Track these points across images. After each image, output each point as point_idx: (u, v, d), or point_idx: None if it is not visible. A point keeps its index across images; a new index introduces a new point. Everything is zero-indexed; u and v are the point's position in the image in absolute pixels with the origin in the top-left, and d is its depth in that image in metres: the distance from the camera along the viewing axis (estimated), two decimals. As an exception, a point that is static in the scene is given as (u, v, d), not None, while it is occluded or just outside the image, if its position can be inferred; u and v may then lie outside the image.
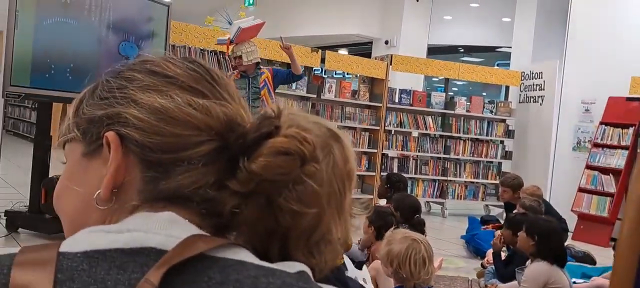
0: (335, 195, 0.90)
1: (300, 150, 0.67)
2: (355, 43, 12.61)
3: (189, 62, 0.68)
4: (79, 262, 0.55)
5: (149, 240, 0.56)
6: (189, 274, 0.55)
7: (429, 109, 7.87)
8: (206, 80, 0.67)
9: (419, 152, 7.87)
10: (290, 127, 0.69)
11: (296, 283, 0.57)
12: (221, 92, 0.67)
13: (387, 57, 7.79)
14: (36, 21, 4.09)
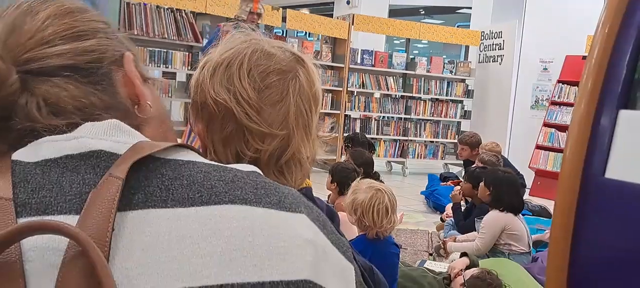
0: (303, 117, 0.90)
1: None
2: (316, 3, 12.48)
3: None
4: (32, 168, 0.55)
5: (96, 144, 0.56)
6: (142, 172, 0.54)
7: (390, 69, 7.89)
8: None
9: (381, 113, 7.91)
10: None
11: (247, 177, 0.57)
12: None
13: (348, 17, 7.74)
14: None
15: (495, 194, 3.49)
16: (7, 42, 0.59)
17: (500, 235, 3.41)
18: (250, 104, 0.87)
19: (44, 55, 0.60)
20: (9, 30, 0.61)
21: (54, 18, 0.62)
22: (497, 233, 3.39)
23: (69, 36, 0.62)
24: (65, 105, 0.59)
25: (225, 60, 0.90)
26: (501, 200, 3.45)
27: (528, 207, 5.00)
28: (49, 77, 0.59)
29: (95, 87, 0.61)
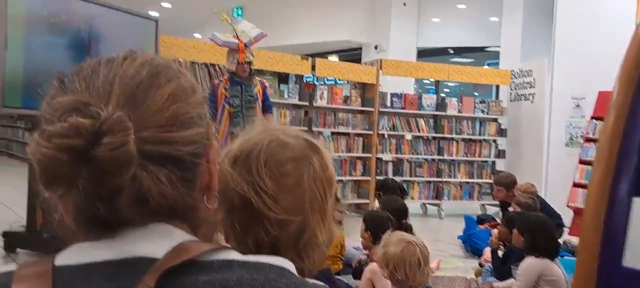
0: (318, 201, 0.95)
1: None
2: (345, 49, 12.66)
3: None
4: (73, 274, 0.57)
5: (139, 250, 0.59)
6: (179, 277, 0.57)
7: (421, 111, 7.91)
8: (51, 97, 0.65)
9: (413, 155, 7.91)
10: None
11: (278, 279, 0.60)
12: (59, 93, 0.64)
13: (377, 62, 7.83)
14: (26, 41, 4.09)
15: (530, 240, 3.44)
16: (131, 113, 0.58)
17: (537, 281, 3.35)
18: (267, 193, 0.90)
19: (160, 139, 0.59)
20: (132, 97, 0.60)
21: (175, 98, 0.62)
22: (533, 280, 3.34)
23: (182, 122, 0.62)
24: (151, 199, 0.59)
25: (244, 152, 0.95)
26: (536, 246, 3.39)
27: (567, 248, 4.90)
28: (154, 164, 0.58)
29: (185, 183, 0.61)
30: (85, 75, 0.62)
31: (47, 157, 0.55)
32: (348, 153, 7.44)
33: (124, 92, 0.59)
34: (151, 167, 0.58)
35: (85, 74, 0.62)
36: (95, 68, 0.63)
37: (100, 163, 0.55)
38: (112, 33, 4.76)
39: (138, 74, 0.62)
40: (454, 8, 11.68)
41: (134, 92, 0.60)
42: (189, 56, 6.30)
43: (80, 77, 0.62)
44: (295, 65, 6.98)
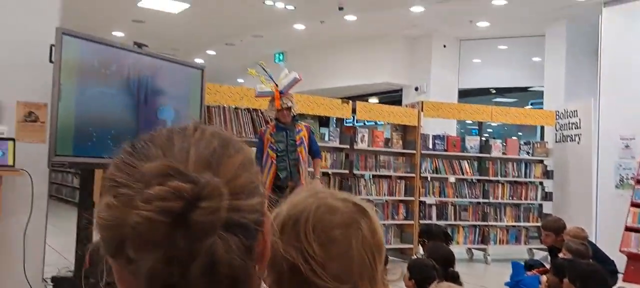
0: (367, 268, 0.93)
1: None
2: (385, 91, 12.70)
3: (123, 149, 0.66)
4: None
5: None
6: None
7: (464, 153, 7.81)
8: (125, 163, 0.64)
9: (457, 198, 7.78)
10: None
11: None
12: (134, 165, 0.63)
13: (418, 104, 7.82)
14: (78, 92, 4.24)
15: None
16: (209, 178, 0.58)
17: (593, 333, 3.21)
18: (315, 260, 0.89)
19: (233, 207, 0.59)
20: (208, 165, 0.60)
21: (243, 168, 0.63)
22: (589, 331, 3.20)
23: (249, 191, 0.62)
24: (220, 268, 0.58)
25: (292, 218, 0.94)
26: (589, 296, 3.27)
27: (622, 296, 4.69)
28: (227, 231, 0.58)
29: (246, 252, 0.61)
30: (160, 144, 0.63)
31: (146, 219, 0.55)
32: (390, 196, 7.38)
33: (199, 160, 0.60)
34: (224, 234, 0.58)
35: (159, 141, 0.63)
36: (170, 136, 0.64)
37: (194, 227, 0.56)
38: (161, 82, 4.90)
39: (210, 143, 0.63)
40: (495, 49, 11.62)
41: (210, 161, 0.61)
42: (233, 102, 6.42)
43: (156, 145, 0.63)
44: (336, 108, 7.03)
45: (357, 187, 7.11)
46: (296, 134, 5.21)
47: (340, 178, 7.01)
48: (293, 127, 5.23)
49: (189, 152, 0.61)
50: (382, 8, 9.71)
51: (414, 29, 11.07)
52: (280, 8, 9.94)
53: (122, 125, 4.58)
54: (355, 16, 10.29)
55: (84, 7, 10.08)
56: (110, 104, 4.46)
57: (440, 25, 10.85)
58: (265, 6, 9.86)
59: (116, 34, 11.97)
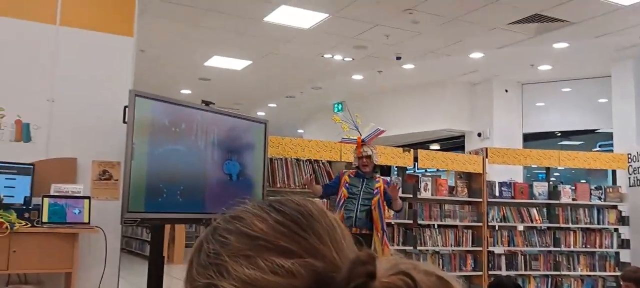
0: None
1: None
2: (446, 138, 12.55)
3: (276, 211, 0.67)
4: None
5: None
6: None
7: (532, 200, 7.57)
8: (292, 232, 0.65)
9: (527, 247, 7.50)
10: (392, 274, 0.65)
11: None
12: (309, 239, 0.65)
13: (482, 151, 7.67)
14: (149, 150, 4.41)
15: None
16: None
17: None
18: None
19: None
20: (351, 243, 0.65)
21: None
22: None
23: None
24: None
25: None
26: None
27: None
28: None
29: None
30: (326, 233, 0.66)
31: None
32: (457, 247, 7.19)
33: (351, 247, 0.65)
34: None
35: (324, 230, 0.66)
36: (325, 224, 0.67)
37: None
38: (227, 137, 5.03)
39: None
40: (559, 91, 11.34)
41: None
42: (294, 153, 6.50)
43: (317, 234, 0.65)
44: (397, 156, 6.99)
45: (422, 238, 6.98)
46: (374, 184, 5.25)
47: (405, 229, 6.90)
48: (372, 178, 5.33)
49: (345, 240, 0.66)
50: (440, 56, 9.71)
51: (474, 75, 10.98)
52: (339, 60, 10.10)
53: (191, 180, 4.70)
54: (413, 64, 10.32)
55: (155, 69, 10.58)
56: (179, 161, 4.60)
57: (500, 70, 10.72)
58: (324, 59, 10.04)
59: (184, 92, 12.44)
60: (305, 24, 8.25)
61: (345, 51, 9.61)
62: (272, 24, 8.20)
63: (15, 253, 3.82)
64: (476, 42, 8.98)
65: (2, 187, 4.08)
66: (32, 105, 4.43)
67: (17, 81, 4.42)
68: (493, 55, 9.67)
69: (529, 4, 7.30)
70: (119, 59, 4.77)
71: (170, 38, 9.01)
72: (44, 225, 3.98)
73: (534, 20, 7.88)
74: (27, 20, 4.50)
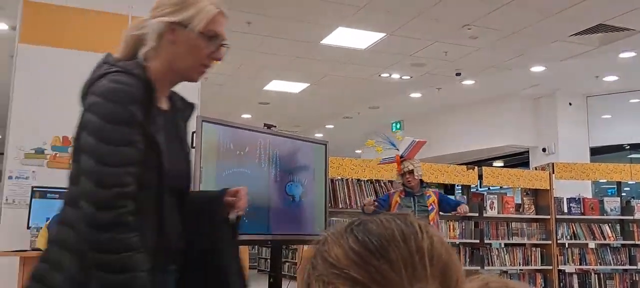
0: None
1: None
2: (509, 154, 12.25)
3: (353, 236, 0.67)
4: None
5: None
6: None
7: (603, 216, 7.26)
8: (363, 260, 0.64)
9: (600, 265, 7.19)
10: None
11: None
12: (379, 267, 0.63)
13: (548, 166, 7.45)
14: (217, 174, 4.52)
15: None
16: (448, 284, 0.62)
17: None
18: None
19: None
20: (445, 268, 0.64)
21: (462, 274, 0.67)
22: None
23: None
24: None
25: None
26: None
27: None
28: None
29: None
30: (397, 247, 0.65)
31: None
32: (526, 266, 6.96)
33: (434, 273, 0.64)
34: None
35: (396, 246, 0.65)
36: (403, 236, 0.66)
37: None
38: (289, 159, 5.10)
39: (441, 254, 0.66)
40: (626, 103, 10.91)
41: (446, 264, 0.65)
42: (355, 174, 6.51)
43: (393, 246, 0.65)
44: (461, 175, 6.87)
45: (490, 257, 6.81)
46: (426, 200, 5.14)
47: (471, 249, 6.76)
48: (422, 194, 5.17)
49: (426, 267, 0.63)
50: (500, 70, 9.54)
51: (536, 89, 10.71)
52: (396, 79, 10.08)
53: (256, 202, 4.77)
54: (473, 80, 10.17)
55: (217, 95, 10.87)
56: (244, 183, 4.64)
57: (563, 83, 10.41)
58: (381, 79, 10.05)
59: (244, 116, 12.70)
60: (362, 45, 8.30)
61: (402, 69, 9.59)
62: (329, 46, 8.28)
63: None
64: (537, 55, 8.78)
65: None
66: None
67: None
68: (555, 68, 9.42)
69: (591, 14, 7.09)
70: (186, 87, 4.91)
71: (232, 65, 9.24)
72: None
73: (598, 30, 7.65)
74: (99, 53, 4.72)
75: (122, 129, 1.40)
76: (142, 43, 1.57)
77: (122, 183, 1.37)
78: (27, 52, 4.54)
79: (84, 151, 1.41)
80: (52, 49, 4.60)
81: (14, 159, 4.39)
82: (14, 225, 4.23)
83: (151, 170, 1.47)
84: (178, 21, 1.53)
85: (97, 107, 1.42)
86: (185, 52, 1.56)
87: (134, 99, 1.43)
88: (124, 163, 1.39)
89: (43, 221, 4.04)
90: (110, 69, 1.49)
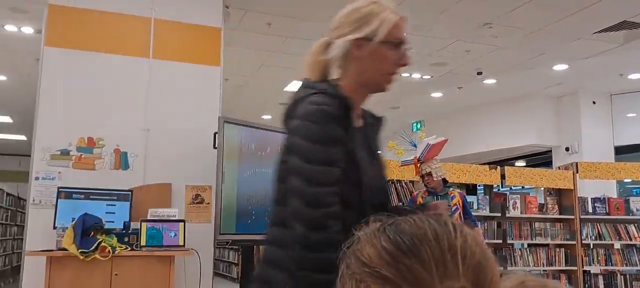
0: None
1: None
2: (532, 153, 12.12)
3: (385, 235, 0.67)
4: None
5: None
6: None
7: (629, 216, 7.15)
8: (394, 259, 0.65)
9: (626, 266, 7.07)
10: None
11: None
12: (411, 266, 0.64)
13: (572, 165, 7.35)
14: (238, 173, 4.55)
15: None
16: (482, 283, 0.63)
17: None
18: None
19: None
20: (479, 268, 0.64)
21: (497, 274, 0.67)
22: None
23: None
24: None
25: None
26: None
27: None
28: None
29: None
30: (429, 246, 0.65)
31: None
32: (550, 266, 6.88)
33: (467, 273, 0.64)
34: None
35: (429, 245, 0.65)
36: (436, 236, 0.66)
37: None
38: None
39: (474, 254, 0.66)
40: (653, 100, 10.72)
41: (479, 266, 0.65)
42: (377, 175, 6.48)
43: (425, 246, 0.65)
44: (483, 175, 6.81)
45: (513, 258, 6.74)
46: (449, 200, 5.09)
47: (494, 249, 6.70)
48: (445, 194, 5.13)
49: (458, 266, 0.63)
50: (522, 69, 9.44)
51: (558, 87, 10.57)
52: (417, 79, 10.03)
53: (277, 203, 4.80)
54: (494, 79, 10.08)
55: (238, 96, 10.93)
56: (266, 183, 4.70)
57: (587, 81, 10.26)
58: (401, 78, 10.00)
59: (265, 117, 12.75)
60: (383, 45, 8.26)
61: (423, 69, 9.54)
62: (350, 46, 8.26)
63: (117, 276, 4.03)
64: (560, 53, 8.67)
65: (104, 213, 4.32)
66: (130, 134, 4.69)
67: (116, 113, 4.71)
68: (578, 66, 9.29)
69: (615, 11, 6.98)
70: (208, 88, 4.98)
71: (253, 66, 9.28)
72: (143, 248, 4.18)
73: (622, 27, 7.53)
74: (123, 55, 4.79)
75: (326, 149, 1.43)
76: (329, 65, 1.61)
77: (329, 203, 1.40)
78: (53, 55, 4.62)
79: (291, 173, 1.44)
80: (76, 51, 4.67)
81: (40, 160, 4.47)
82: (40, 225, 4.30)
83: (352, 186, 1.49)
84: (363, 36, 1.56)
85: (300, 129, 1.47)
86: (374, 64, 1.59)
87: (334, 118, 1.47)
88: (330, 183, 1.42)
89: (69, 221, 4.10)
90: (308, 92, 1.54)
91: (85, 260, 3.90)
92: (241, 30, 7.51)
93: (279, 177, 1.54)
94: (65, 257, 3.91)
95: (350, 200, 1.47)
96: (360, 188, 1.51)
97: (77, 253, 3.88)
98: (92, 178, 4.52)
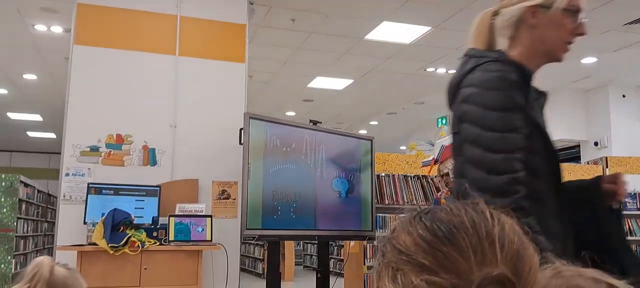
0: None
1: None
2: (560, 148, 11.94)
3: (422, 224, 0.67)
4: None
5: None
6: None
7: (661, 211, 7.00)
8: (431, 247, 0.64)
9: (659, 262, 6.93)
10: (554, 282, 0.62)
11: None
12: (448, 254, 0.64)
13: (601, 160, 7.23)
14: (264, 169, 4.57)
15: None
16: (520, 272, 0.62)
17: None
18: None
19: None
20: (517, 256, 0.63)
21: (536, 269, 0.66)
22: None
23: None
24: None
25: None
26: None
27: None
28: None
29: None
30: (467, 234, 0.65)
31: None
32: (578, 261, 6.78)
33: (505, 260, 0.64)
34: None
35: (465, 233, 0.65)
36: (473, 224, 0.66)
37: None
38: (334, 155, 5.11)
39: (513, 241, 0.65)
40: (684, 92, 10.48)
41: (517, 253, 0.64)
42: (401, 170, 6.47)
43: (463, 234, 0.64)
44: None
45: (540, 252, 6.66)
46: None
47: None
48: None
49: (496, 254, 0.63)
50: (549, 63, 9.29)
51: (587, 81, 10.40)
52: (442, 73, 9.95)
53: (303, 198, 4.82)
54: (520, 74, 9.95)
55: (262, 93, 10.99)
56: (291, 179, 4.73)
57: (616, 74, 10.07)
58: (427, 73, 9.94)
59: (288, 114, 12.80)
60: (407, 39, 8.23)
61: (449, 63, 9.46)
62: (374, 41, 8.25)
63: (146, 270, 4.09)
64: (588, 46, 8.51)
65: (133, 208, 4.39)
66: (157, 131, 4.75)
67: (143, 110, 4.77)
68: (607, 59, 9.11)
69: (647, 1, 6.84)
70: (233, 84, 5.01)
71: (276, 63, 9.32)
72: (171, 243, 4.23)
73: (654, 18, 7.37)
74: (150, 52, 4.86)
75: (505, 115, 1.39)
76: (495, 35, 1.57)
77: (513, 169, 1.35)
78: (82, 53, 4.70)
79: (467, 141, 1.40)
80: (105, 49, 4.75)
81: (70, 157, 4.55)
82: (71, 220, 4.39)
83: (537, 154, 1.45)
84: (539, 4, 1.52)
85: (476, 97, 1.42)
86: (550, 33, 1.55)
87: (512, 85, 1.42)
88: (512, 149, 1.37)
89: (98, 216, 4.18)
90: (480, 60, 1.49)
91: (115, 255, 3.97)
92: (265, 26, 7.54)
93: (455, 150, 1.48)
94: (96, 251, 3.98)
95: (536, 168, 1.42)
96: (541, 157, 1.45)
97: (107, 247, 3.95)
98: (121, 174, 4.59)
